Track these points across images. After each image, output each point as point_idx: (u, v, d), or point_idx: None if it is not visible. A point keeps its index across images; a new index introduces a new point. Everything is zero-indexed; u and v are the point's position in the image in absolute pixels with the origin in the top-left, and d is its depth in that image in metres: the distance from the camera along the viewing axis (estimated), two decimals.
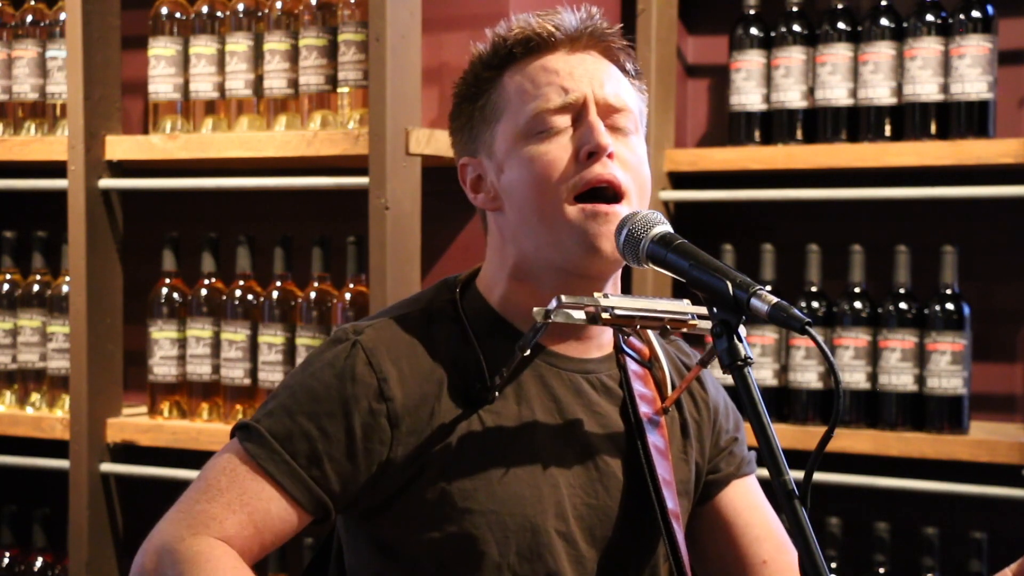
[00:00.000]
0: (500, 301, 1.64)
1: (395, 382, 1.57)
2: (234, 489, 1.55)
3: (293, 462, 1.55)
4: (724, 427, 1.77)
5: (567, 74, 1.60)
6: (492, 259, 1.67)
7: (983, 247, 2.80)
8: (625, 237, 1.51)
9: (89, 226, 2.86)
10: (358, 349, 1.58)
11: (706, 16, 3.06)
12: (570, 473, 1.61)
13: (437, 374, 1.59)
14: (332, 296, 2.74)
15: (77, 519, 2.88)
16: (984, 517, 2.74)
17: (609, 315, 1.52)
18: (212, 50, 2.85)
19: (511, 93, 1.61)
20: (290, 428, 1.56)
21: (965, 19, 2.66)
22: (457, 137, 1.69)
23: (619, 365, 1.68)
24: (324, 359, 1.60)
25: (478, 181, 1.66)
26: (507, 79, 1.62)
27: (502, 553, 1.57)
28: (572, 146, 1.58)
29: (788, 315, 1.35)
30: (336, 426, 1.56)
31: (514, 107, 1.60)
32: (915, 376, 2.66)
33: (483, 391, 1.59)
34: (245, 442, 1.57)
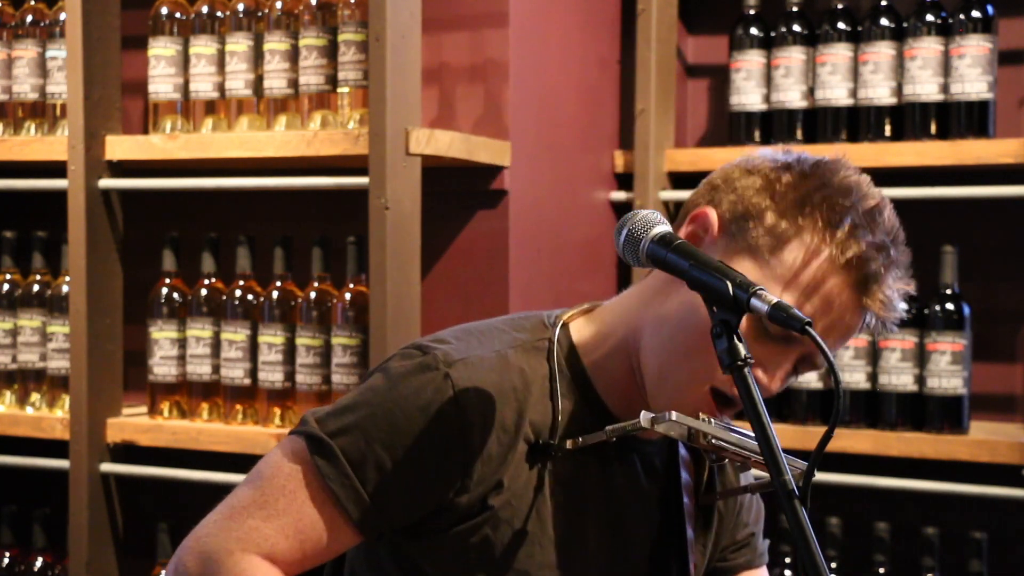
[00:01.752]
0: (594, 363, 1.61)
1: (478, 431, 1.54)
2: (291, 513, 1.52)
3: (363, 489, 1.53)
4: (744, 520, 1.78)
5: (830, 317, 1.51)
6: (623, 311, 1.62)
7: (983, 247, 2.80)
8: (625, 237, 1.50)
9: (89, 226, 2.85)
10: (448, 386, 1.53)
11: (706, 16, 3.06)
12: (604, 551, 1.61)
13: (516, 426, 1.56)
14: (332, 296, 2.74)
15: (77, 519, 2.88)
16: (984, 517, 2.74)
17: (705, 442, 1.50)
18: (212, 50, 2.85)
19: (793, 259, 1.52)
20: (365, 453, 1.53)
21: (965, 19, 2.65)
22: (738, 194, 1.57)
23: (671, 451, 1.67)
24: (411, 386, 1.54)
25: (698, 240, 1.57)
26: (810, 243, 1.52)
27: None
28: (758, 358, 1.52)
29: (788, 315, 1.34)
30: (411, 462, 1.53)
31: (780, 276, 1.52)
32: (915, 376, 2.66)
33: (551, 448, 1.56)
34: (316, 455, 1.53)
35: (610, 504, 1.62)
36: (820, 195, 1.53)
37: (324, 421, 1.56)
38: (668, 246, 1.47)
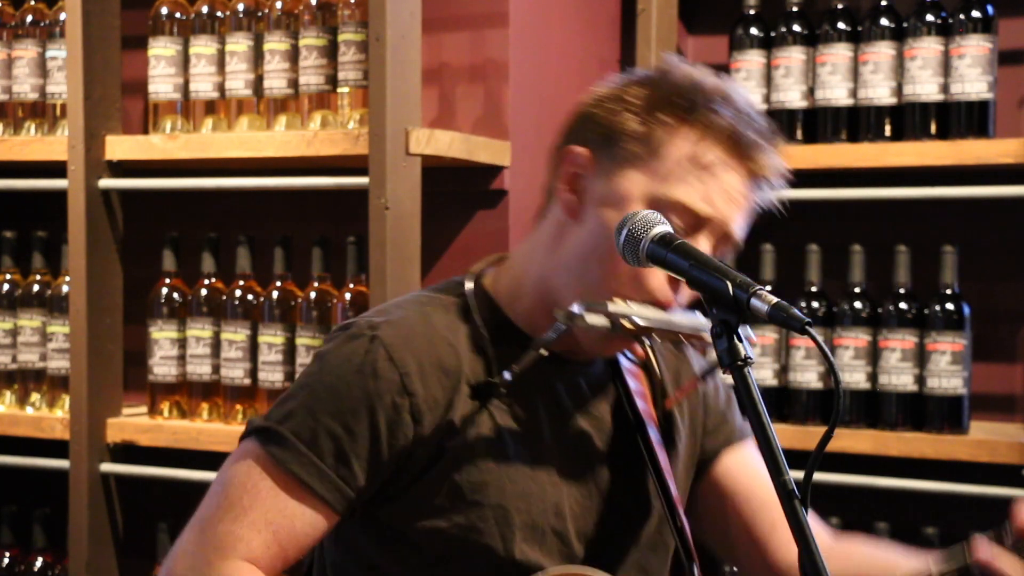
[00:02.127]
0: (514, 306, 1.65)
1: (416, 377, 1.56)
2: (258, 507, 1.54)
3: (321, 463, 1.54)
4: (711, 406, 1.79)
5: (726, 191, 1.57)
6: (529, 258, 1.66)
7: (983, 247, 2.80)
8: (625, 237, 1.51)
9: (89, 226, 2.85)
10: (378, 344, 1.57)
11: (706, 16, 3.05)
12: (569, 473, 1.63)
13: (453, 369, 1.59)
14: (332, 296, 2.74)
15: (77, 519, 2.88)
16: (984, 517, 2.73)
17: (630, 324, 1.52)
18: (212, 50, 2.85)
19: (674, 158, 1.57)
20: (314, 428, 1.55)
21: (965, 19, 2.65)
22: (593, 123, 1.63)
23: (613, 365, 1.69)
24: (342, 355, 1.58)
25: (576, 178, 1.62)
26: (682, 139, 1.57)
27: (505, 548, 1.58)
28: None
29: (788, 315, 1.35)
30: (361, 423, 1.55)
31: (666, 171, 1.56)
32: (915, 376, 2.66)
33: (494, 387, 1.59)
34: (268, 445, 1.55)
35: (565, 428, 1.64)
36: (670, 91, 1.59)
37: (268, 415, 1.59)
38: (668, 246, 1.48)
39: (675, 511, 1.65)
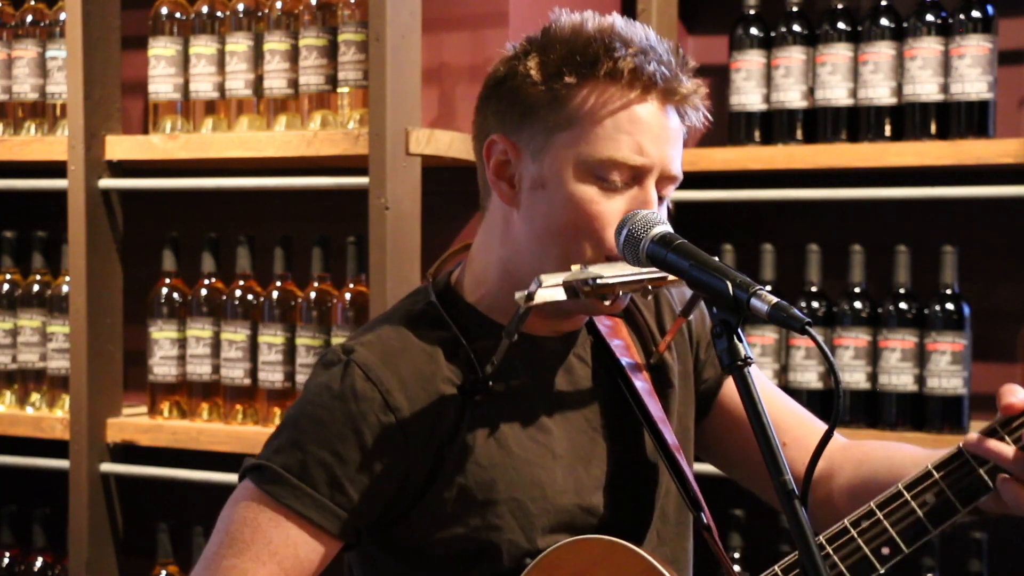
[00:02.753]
0: (483, 298, 1.64)
1: (397, 391, 1.56)
2: (259, 540, 1.54)
3: (316, 493, 1.55)
4: (700, 336, 1.78)
5: (649, 132, 1.55)
6: (486, 249, 1.65)
7: (983, 247, 2.80)
8: (625, 237, 1.51)
9: (89, 226, 2.85)
10: (353, 367, 1.57)
11: (706, 16, 3.05)
12: (574, 449, 1.63)
13: (434, 376, 1.59)
14: (332, 296, 2.74)
15: (77, 519, 2.88)
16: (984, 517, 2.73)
17: (590, 287, 1.52)
18: (212, 50, 2.85)
19: (588, 117, 1.55)
20: (303, 460, 1.55)
21: (965, 19, 2.65)
22: (499, 107, 1.61)
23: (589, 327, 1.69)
24: (320, 384, 1.59)
25: (504, 166, 1.61)
26: (589, 95, 1.55)
27: (528, 538, 1.58)
28: (622, 208, 1.55)
29: (788, 315, 1.35)
30: (349, 447, 1.55)
31: (585, 134, 1.55)
32: (915, 376, 2.66)
33: (478, 383, 1.59)
34: (262, 484, 1.56)
35: (561, 406, 1.64)
36: (563, 51, 1.56)
37: (260, 455, 1.59)
38: (668, 246, 1.48)
39: (674, 459, 1.64)
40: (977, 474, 1.52)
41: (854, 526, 1.53)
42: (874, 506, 1.53)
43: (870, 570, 1.53)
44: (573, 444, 1.63)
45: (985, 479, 1.52)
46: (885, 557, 1.53)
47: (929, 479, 1.53)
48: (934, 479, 1.52)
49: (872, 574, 1.53)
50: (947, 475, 1.52)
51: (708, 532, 1.64)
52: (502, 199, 1.62)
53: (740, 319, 1.39)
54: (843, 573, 1.52)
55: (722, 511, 2.73)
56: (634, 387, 1.66)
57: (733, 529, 2.76)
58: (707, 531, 1.64)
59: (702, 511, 1.64)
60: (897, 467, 1.63)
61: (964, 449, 1.53)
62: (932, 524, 1.53)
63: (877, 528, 1.53)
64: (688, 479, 1.65)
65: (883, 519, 1.53)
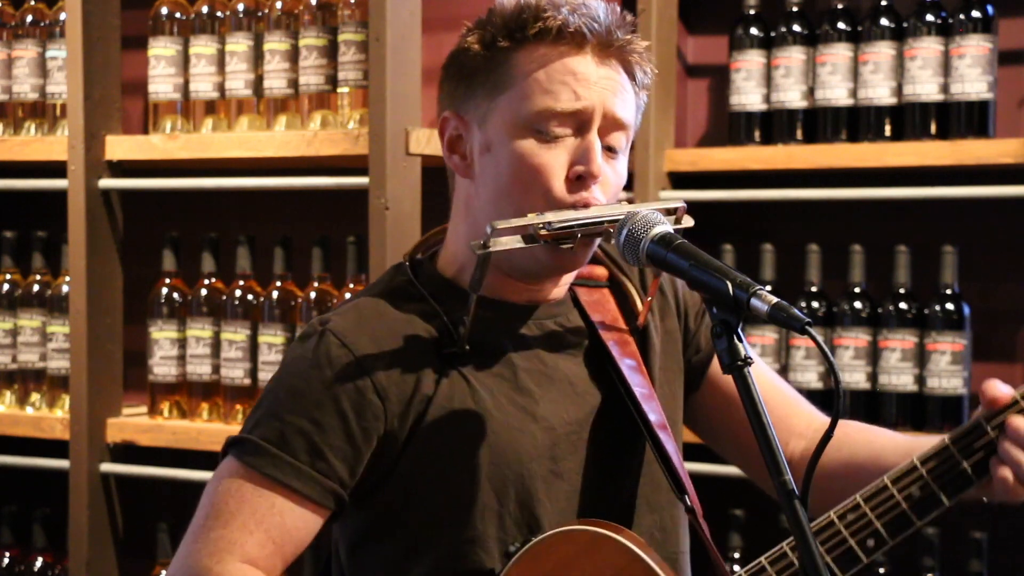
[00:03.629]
0: (458, 273, 1.65)
1: (373, 356, 1.57)
2: (244, 509, 1.55)
3: (296, 461, 1.55)
4: (687, 301, 1.78)
5: (585, 80, 1.58)
6: (457, 228, 1.68)
7: (983, 247, 2.80)
8: (625, 237, 1.51)
9: (89, 226, 2.86)
10: (328, 336, 1.58)
11: (706, 16, 3.05)
12: (555, 412, 1.63)
13: (410, 344, 1.60)
14: (332, 296, 2.75)
15: (77, 519, 2.88)
16: (984, 517, 2.74)
17: (547, 231, 1.53)
18: (212, 50, 2.85)
19: (523, 75, 1.59)
20: (282, 429, 1.56)
21: (965, 19, 2.65)
22: (449, 86, 1.67)
23: (573, 299, 1.69)
24: (296, 355, 1.60)
25: (457, 141, 1.65)
26: (523, 56, 1.59)
27: (502, 503, 1.58)
28: (566, 158, 1.58)
29: (788, 315, 1.35)
30: (327, 414, 1.56)
31: (521, 91, 1.58)
32: (915, 376, 2.66)
33: (453, 346, 1.60)
34: (243, 457, 1.57)
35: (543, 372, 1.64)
36: (499, 21, 1.62)
37: (242, 429, 1.60)
38: (668, 246, 1.48)
39: (657, 441, 1.64)
40: (962, 467, 1.53)
41: (840, 519, 1.54)
42: (860, 499, 1.54)
43: (855, 562, 1.54)
44: (555, 408, 1.63)
45: (970, 473, 1.54)
46: (870, 549, 1.55)
47: (914, 472, 1.54)
48: (919, 472, 1.54)
49: (857, 565, 1.54)
50: (932, 468, 1.54)
51: (692, 514, 1.64)
52: (457, 172, 1.66)
53: (740, 319, 1.39)
54: (829, 565, 1.53)
55: (722, 511, 2.73)
56: (618, 367, 1.66)
57: (733, 529, 2.76)
58: (691, 513, 1.64)
59: (685, 494, 1.64)
60: (877, 450, 1.65)
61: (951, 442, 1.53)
62: (917, 516, 1.54)
63: (862, 521, 1.54)
64: (671, 459, 1.64)
65: (868, 512, 1.54)
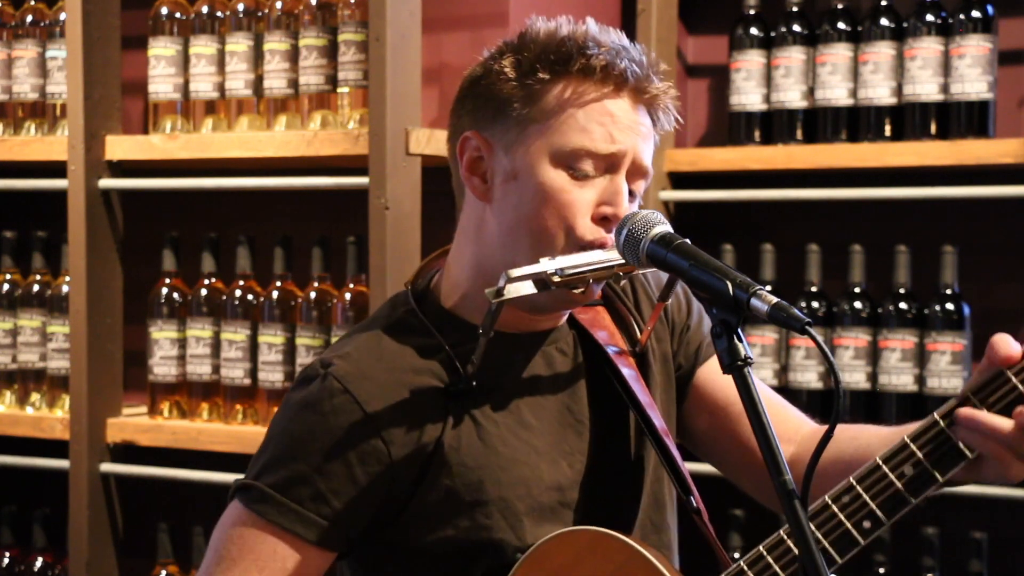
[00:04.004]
0: (460, 302, 1.64)
1: (376, 400, 1.57)
2: (247, 556, 1.56)
3: (300, 508, 1.56)
4: (675, 321, 1.78)
5: (620, 124, 1.58)
6: (460, 251, 1.66)
7: (983, 247, 2.80)
8: (625, 237, 1.51)
9: (89, 226, 2.86)
10: (330, 380, 1.58)
11: (706, 16, 3.05)
12: (560, 443, 1.63)
13: (414, 382, 1.59)
14: (332, 296, 2.75)
15: (77, 519, 2.88)
16: (984, 517, 2.74)
17: (559, 277, 1.53)
18: (212, 50, 2.85)
19: (560, 109, 1.58)
20: (286, 476, 1.56)
21: (965, 19, 2.65)
22: (473, 106, 1.63)
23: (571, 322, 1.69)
24: (300, 400, 1.60)
25: (478, 162, 1.62)
26: (562, 90, 1.58)
27: (518, 536, 1.58)
28: (594, 198, 1.57)
29: (788, 315, 1.35)
30: (332, 461, 1.56)
31: (557, 126, 1.57)
32: (915, 376, 2.66)
33: (459, 384, 1.59)
34: (250, 504, 1.57)
35: (545, 402, 1.64)
36: (538, 50, 1.59)
37: (245, 476, 1.61)
38: (668, 246, 1.48)
39: (662, 443, 1.64)
40: (953, 443, 1.52)
41: (835, 501, 1.54)
42: (853, 480, 1.54)
43: (853, 544, 1.54)
44: (556, 438, 1.63)
45: (962, 448, 1.52)
46: (867, 530, 1.54)
47: (906, 450, 1.53)
48: (911, 450, 1.53)
49: (855, 548, 1.54)
50: (923, 445, 1.53)
51: (698, 515, 1.64)
52: (475, 194, 1.63)
53: (740, 319, 1.39)
54: (827, 549, 1.53)
55: (722, 511, 2.73)
56: (621, 374, 1.66)
57: (733, 529, 2.76)
58: (696, 514, 1.64)
59: (691, 495, 1.65)
60: (863, 445, 1.64)
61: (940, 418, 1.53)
62: (911, 494, 1.53)
63: (857, 502, 1.54)
64: (677, 463, 1.65)
65: (863, 493, 1.53)
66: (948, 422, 1.53)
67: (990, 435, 1.50)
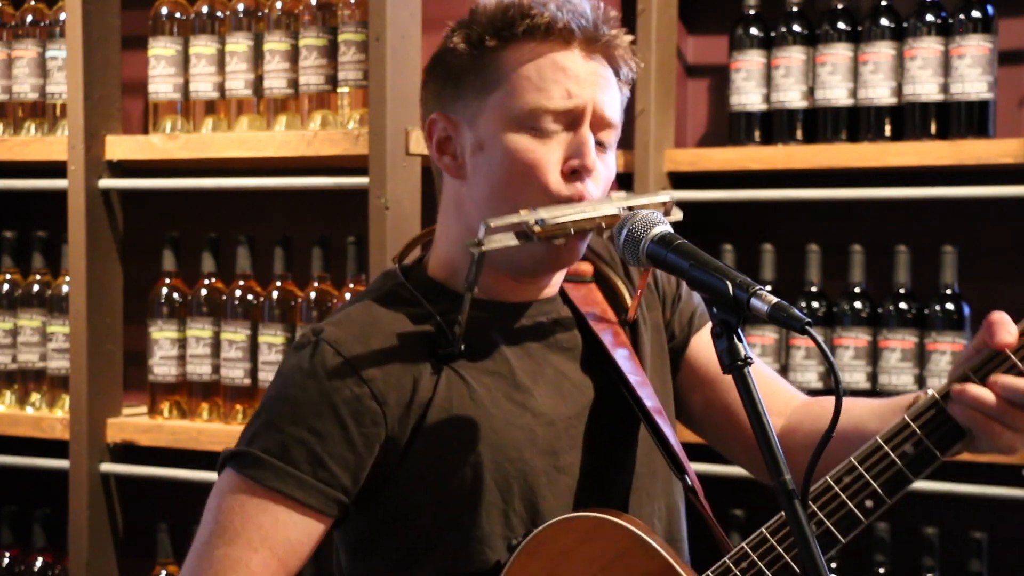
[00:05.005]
0: (451, 276, 1.65)
1: (369, 362, 1.57)
2: (249, 526, 1.55)
3: (298, 472, 1.55)
4: (665, 290, 1.78)
5: (575, 77, 1.58)
6: (446, 230, 1.67)
7: (983, 247, 2.80)
8: (625, 237, 1.51)
9: (89, 226, 2.86)
10: (322, 345, 1.58)
11: (706, 16, 3.05)
12: (552, 407, 1.63)
13: (405, 347, 1.60)
14: (332, 296, 2.75)
15: (77, 519, 2.88)
16: (984, 517, 2.74)
17: (540, 227, 1.53)
18: (212, 50, 2.85)
19: (513, 73, 1.58)
20: (282, 440, 1.56)
21: (965, 19, 2.65)
22: (435, 87, 1.65)
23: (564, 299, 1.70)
24: (291, 366, 1.60)
25: (446, 142, 1.64)
26: (511, 54, 1.59)
27: (507, 500, 1.59)
28: (560, 153, 1.58)
29: (788, 315, 1.35)
30: (326, 422, 1.56)
31: (513, 90, 1.58)
32: (915, 376, 2.66)
33: (449, 347, 1.60)
34: (244, 470, 1.57)
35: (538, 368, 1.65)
36: (485, 21, 1.60)
37: (238, 442, 1.60)
38: (668, 246, 1.48)
39: (653, 423, 1.64)
40: (953, 421, 1.53)
41: (836, 482, 1.54)
42: (855, 461, 1.54)
43: (855, 524, 1.54)
44: (551, 403, 1.63)
45: (961, 425, 1.53)
46: (869, 510, 1.54)
47: (906, 429, 1.53)
48: (911, 429, 1.53)
49: (858, 527, 1.54)
50: (924, 424, 1.53)
51: (693, 494, 1.64)
52: (448, 172, 1.64)
53: (740, 319, 1.40)
54: (830, 530, 1.53)
55: (722, 511, 2.72)
56: (613, 360, 1.66)
57: (733, 529, 2.76)
58: (692, 493, 1.64)
59: (685, 474, 1.65)
60: (855, 419, 1.64)
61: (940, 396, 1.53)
62: (913, 473, 1.54)
63: (860, 483, 1.54)
64: (669, 442, 1.65)
65: (864, 473, 1.54)
66: (947, 401, 1.54)
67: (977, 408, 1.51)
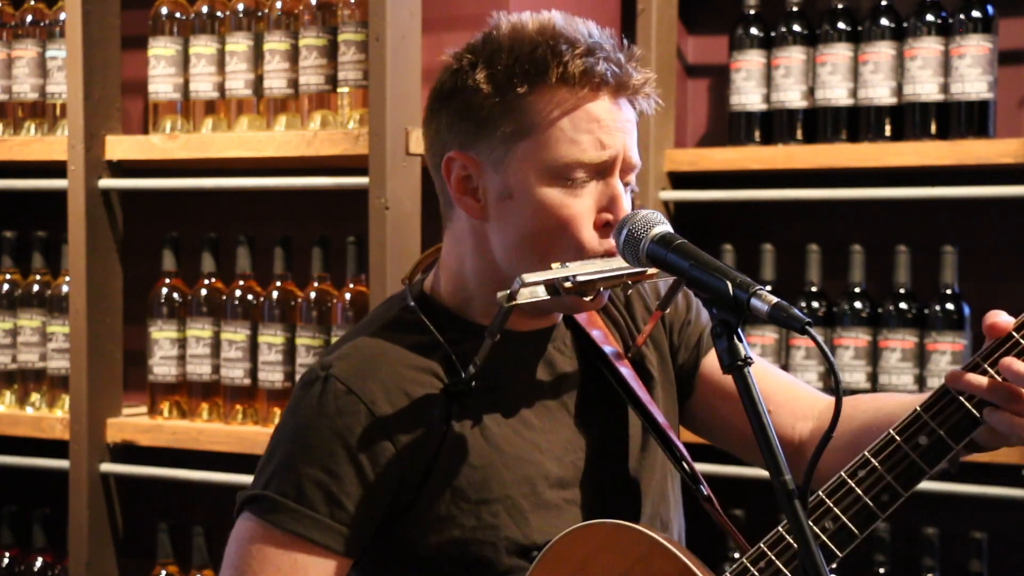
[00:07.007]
0: (462, 303, 1.64)
1: (380, 399, 1.57)
2: (268, 569, 1.55)
3: (315, 513, 1.55)
4: (672, 321, 1.78)
5: (607, 127, 1.56)
6: (459, 259, 1.65)
7: (983, 247, 2.80)
8: (625, 237, 1.51)
9: (89, 226, 2.86)
10: (332, 382, 1.57)
11: (706, 16, 3.05)
12: (563, 439, 1.63)
13: (415, 381, 1.59)
14: (332, 296, 2.75)
15: (77, 519, 2.88)
16: (984, 517, 2.74)
17: (571, 283, 1.53)
18: (212, 50, 2.85)
19: (545, 122, 1.55)
20: (298, 483, 1.55)
21: (965, 19, 2.65)
22: (451, 121, 1.61)
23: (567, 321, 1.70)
24: (303, 404, 1.59)
25: (466, 181, 1.60)
26: (542, 102, 1.55)
27: (524, 534, 1.58)
28: (592, 203, 1.57)
29: (788, 315, 1.35)
30: (340, 462, 1.55)
31: (546, 141, 1.55)
32: (915, 376, 2.66)
33: (461, 383, 1.59)
34: (263, 515, 1.56)
35: (546, 399, 1.64)
36: (509, 59, 1.56)
37: (253, 485, 1.60)
38: (668, 246, 1.48)
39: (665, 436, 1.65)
40: (966, 409, 1.51)
41: (851, 476, 1.53)
42: (868, 455, 1.53)
43: (872, 519, 1.54)
44: (558, 436, 1.63)
45: (974, 413, 1.51)
46: (885, 503, 1.54)
47: (919, 421, 1.52)
48: (924, 420, 1.52)
49: (875, 521, 1.54)
50: (936, 414, 1.52)
51: (709, 503, 1.64)
52: (470, 214, 1.61)
53: (740, 319, 1.39)
54: (846, 525, 1.53)
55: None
56: (619, 372, 1.66)
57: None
58: (708, 502, 1.64)
59: (700, 484, 1.65)
60: (887, 412, 1.63)
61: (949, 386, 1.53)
62: (927, 464, 1.53)
63: (874, 476, 1.53)
64: (682, 453, 1.65)
65: (879, 466, 1.53)
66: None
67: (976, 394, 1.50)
